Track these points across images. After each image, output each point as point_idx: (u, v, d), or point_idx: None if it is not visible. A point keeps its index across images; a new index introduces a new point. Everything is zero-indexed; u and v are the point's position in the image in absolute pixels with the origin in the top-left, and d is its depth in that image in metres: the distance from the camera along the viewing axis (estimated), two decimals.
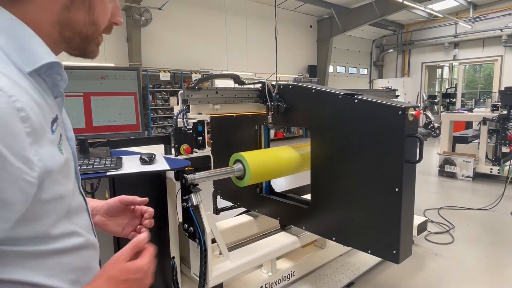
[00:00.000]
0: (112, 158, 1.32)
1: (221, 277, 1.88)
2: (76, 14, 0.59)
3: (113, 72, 1.44)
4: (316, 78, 12.86)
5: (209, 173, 1.88)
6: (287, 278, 2.44)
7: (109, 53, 8.23)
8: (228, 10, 10.32)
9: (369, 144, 1.75)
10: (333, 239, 2.02)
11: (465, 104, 14.54)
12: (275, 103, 2.11)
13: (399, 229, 1.67)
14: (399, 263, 1.72)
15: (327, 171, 1.98)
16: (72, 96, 1.36)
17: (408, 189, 1.68)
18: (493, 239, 3.50)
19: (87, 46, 0.65)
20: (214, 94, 1.99)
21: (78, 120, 1.38)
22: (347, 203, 1.91)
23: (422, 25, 14.11)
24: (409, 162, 1.64)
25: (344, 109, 1.84)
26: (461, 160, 5.84)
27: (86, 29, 0.61)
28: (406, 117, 1.61)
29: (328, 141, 1.96)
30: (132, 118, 1.51)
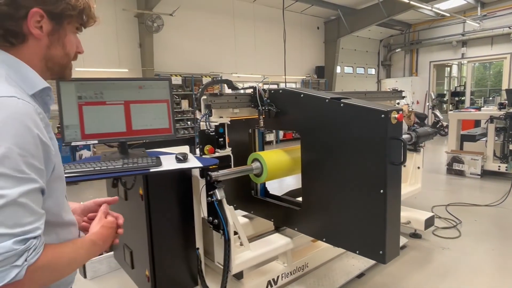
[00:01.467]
0: (152, 157, 1.52)
1: (242, 265, 2.07)
2: (55, 51, 0.85)
3: (149, 82, 1.65)
4: (324, 79, 12.99)
5: (231, 171, 2.07)
6: (301, 269, 2.62)
7: (123, 59, 8.52)
8: (236, 15, 10.54)
9: (354, 146, 1.79)
10: (323, 240, 2.07)
11: (475, 102, 14.50)
12: (266, 107, 2.16)
13: (384, 230, 1.70)
14: (385, 263, 1.76)
15: (316, 173, 2.02)
16: (115, 104, 1.57)
17: (393, 191, 1.71)
18: (499, 234, 3.62)
19: (64, 71, 0.91)
20: (233, 99, 2.18)
21: (120, 124, 1.59)
22: (335, 205, 1.94)
23: (430, 24, 14.14)
24: (393, 164, 1.67)
25: (331, 113, 1.88)
26: (469, 158, 5.93)
27: (62, 60, 0.88)
28: (389, 120, 1.64)
29: (316, 144, 2.00)
30: (165, 122, 1.71)
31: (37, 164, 0.72)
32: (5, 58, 0.78)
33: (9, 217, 0.66)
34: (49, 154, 0.76)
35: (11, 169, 0.67)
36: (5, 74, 0.76)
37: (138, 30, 8.66)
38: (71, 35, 0.88)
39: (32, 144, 0.70)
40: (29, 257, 0.68)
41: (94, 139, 1.52)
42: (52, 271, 0.75)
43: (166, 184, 1.97)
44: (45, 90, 0.83)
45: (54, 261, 0.75)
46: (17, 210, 0.67)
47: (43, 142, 0.73)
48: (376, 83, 15.66)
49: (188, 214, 2.09)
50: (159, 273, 2.01)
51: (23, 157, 0.68)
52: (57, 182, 0.81)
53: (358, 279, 2.75)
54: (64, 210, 0.87)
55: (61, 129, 1.49)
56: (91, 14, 0.91)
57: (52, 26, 0.82)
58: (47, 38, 0.82)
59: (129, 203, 2.18)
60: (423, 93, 14.25)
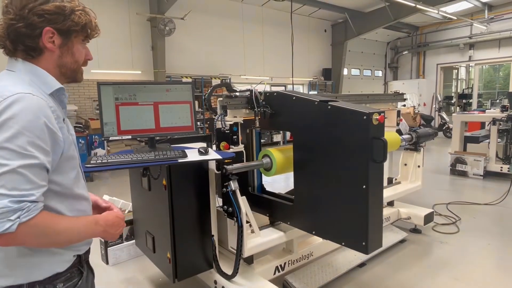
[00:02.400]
0: (178, 151, 1.77)
1: (253, 249, 2.30)
2: (66, 59, 1.06)
3: (175, 86, 1.89)
4: (331, 81, 13.17)
5: (243, 165, 2.31)
6: (307, 258, 2.84)
7: (136, 61, 8.83)
8: (245, 18, 10.80)
9: (340, 145, 1.91)
10: (313, 233, 2.20)
11: (482, 105, 14.54)
12: (262, 109, 2.30)
13: (367, 222, 1.81)
14: (368, 253, 1.89)
15: (306, 170, 2.15)
16: (146, 104, 1.82)
17: (375, 186, 1.82)
18: (496, 230, 3.79)
19: (75, 75, 1.11)
20: (246, 101, 2.42)
21: (150, 122, 1.83)
22: (323, 200, 2.06)
23: (437, 26, 14.23)
24: (375, 161, 1.77)
25: (320, 114, 1.99)
26: (472, 159, 6.08)
27: (72, 66, 1.09)
28: (371, 122, 1.74)
29: (306, 143, 2.12)
30: (188, 121, 1.95)
31: (42, 145, 0.90)
32: (29, 67, 1.01)
33: (9, 182, 0.84)
34: (56, 139, 0.94)
35: (16, 146, 0.86)
36: (28, 80, 0.99)
37: (150, 34, 8.97)
38: (78, 45, 1.08)
39: (38, 129, 0.89)
40: (22, 215, 0.84)
41: (128, 135, 1.77)
42: (44, 233, 0.91)
43: (186, 176, 2.21)
44: (60, 90, 1.05)
45: (47, 225, 0.91)
46: (16, 177, 0.85)
47: (50, 129, 0.92)
48: (383, 85, 15.78)
49: (204, 204, 2.33)
50: (179, 255, 2.25)
51: (28, 138, 0.87)
52: (67, 162, 1.01)
53: (360, 268, 2.96)
54: (75, 185, 1.06)
55: (100, 125, 1.74)
56: (94, 28, 1.09)
57: (61, 40, 1.02)
58: (58, 50, 1.03)
59: (152, 193, 2.43)
60: (430, 95, 14.33)
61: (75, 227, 0.98)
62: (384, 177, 3.68)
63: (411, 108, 10.04)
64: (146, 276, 2.96)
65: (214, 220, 2.40)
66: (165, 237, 2.27)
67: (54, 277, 1.01)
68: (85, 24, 1.05)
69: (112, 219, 1.09)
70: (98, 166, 1.56)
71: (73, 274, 1.08)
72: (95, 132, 7.18)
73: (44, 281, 0.99)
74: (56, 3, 0.99)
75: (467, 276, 2.84)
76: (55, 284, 1.01)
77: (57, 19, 0.99)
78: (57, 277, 1.02)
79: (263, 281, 2.34)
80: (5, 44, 0.99)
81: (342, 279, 2.80)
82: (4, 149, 0.85)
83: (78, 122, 7.41)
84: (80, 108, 7.87)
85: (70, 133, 1.07)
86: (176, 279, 2.26)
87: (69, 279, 1.06)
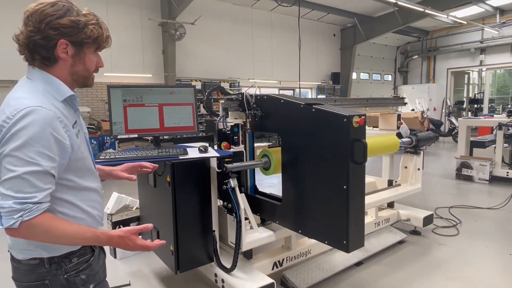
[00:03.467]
0: (180, 149, 1.91)
1: (251, 244, 2.42)
2: (78, 68, 1.16)
3: (178, 88, 2.05)
4: (340, 85, 13.22)
5: (243, 164, 2.43)
6: (304, 255, 2.94)
7: (147, 65, 9.09)
8: (254, 23, 10.99)
9: (323, 147, 1.97)
10: (299, 232, 2.25)
11: (495, 110, 14.36)
12: (252, 111, 2.38)
13: (347, 221, 1.87)
14: (349, 252, 1.94)
15: (292, 171, 2.22)
16: (151, 106, 1.98)
17: (355, 187, 1.88)
18: (496, 233, 3.82)
19: (87, 81, 1.22)
20: (238, 103, 2.54)
21: (155, 122, 1.99)
22: (307, 200, 2.13)
23: (448, 31, 14.17)
24: (356, 162, 1.83)
25: (305, 117, 2.06)
26: (477, 163, 6.07)
27: (84, 73, 1.18)
28: (351, 124, 1.80)
29: (292, 145, 2.20)
30: (191, 122, 2.10)
31: (48, 153, 1.01)
32: (44, 75, 1.12)
33: (15, 186, 0.98)
34: (63, 147, 1.06)
35: (24, 155, 0.98)
36: (42, 89, 1.10)
37: (161, 38, 9.23)
38: (90, 55, 1.17)
39: (45, 140, 1.00)
40: (24, 215, 0.97)
41: (135, 133, 1.93)
42: (44, 233, 1.03)
43: (189, 174, 2.35)
44: (72, 97, 1.17)
45: (48, 227, 1.02)
46: (21, 182, 0.98)
47: (57, 138, 1.03)
48: (392, 90, 15.73)
49: (206, 200, 2.46)
50: (181, 248, 2.39)
51: (34, 147, 0.99)
52: (76, 162, 1.14)
53: (357, 266, 3.05)
54: (86, 179, 1.19)
55: (110, 124, 1.90)
56: (105, 40, 1.18)
57: (74, 51, 1.12)
58: (71, 59, 1.13)
59: (157, 189, 2.58)
60: (441, 100, 14.23)
61: (75, 237, 1.08)
62: (385, 179, 3.80)
63: (419, 112, 10.02)
64: (151, 270, 3.11)
65: (215, 216, 2.53)
66: (168, 230, 2.41)
67: (70, 253, 1.17)
68: (97, 37, 1.15)
69: (116, 241, 1.15)
70: (106, 161, 1.72)
71: (86, 251, 1.22)
72: (107, 133, 7.41)
73: (61, 255, 1.15)
74: (71, 17, 1.10)
75: (462, 276, 2.90)
76: (70, 258, 1.17)
77: (71, 32, 1.10)
78: (72, 253, 1.18)
79: (261, 275, 2.45)
80: (25, 53, 1.13)
81: (339, 277, 2.89)
82: (13, 157, 0.98)
83: (91, 123, 7.68)
84: (93, 110, 8.15)
85: (83, 131, 1.22)
86: (178, 271, 2.39)
87: (83, 255, 1.21)
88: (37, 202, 1.00)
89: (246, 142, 2.61)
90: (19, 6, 1.18)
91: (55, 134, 1.03)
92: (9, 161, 0.98)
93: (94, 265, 1.25)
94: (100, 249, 1.33)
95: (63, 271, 1.16)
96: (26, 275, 1.15)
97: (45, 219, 1.02)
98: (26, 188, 0.98)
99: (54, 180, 1.06)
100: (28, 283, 1.15)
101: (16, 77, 1.32)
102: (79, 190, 1.18)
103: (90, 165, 1.24)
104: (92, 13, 1.17)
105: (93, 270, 1.24)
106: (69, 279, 1.17)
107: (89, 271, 1.23)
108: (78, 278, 1.20)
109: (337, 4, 11.01)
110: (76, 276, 1.19)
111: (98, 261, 1.28)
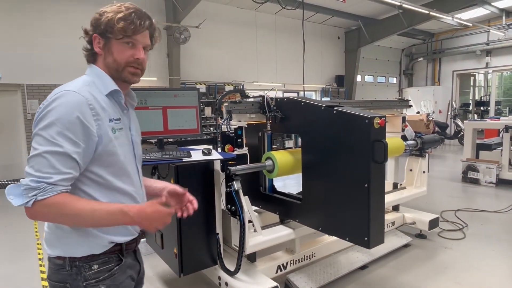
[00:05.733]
0: (183, 151, 1.92)
1: (255, 247, 2.42)
2: (108, 59, 1.16)
3: (182, 91, 2.06)
4: (344, 87, 13.19)
5: (247, 166, 2.43)
6: (309, 258, 2.92)
7: (152, 68, 9.13)
8: (259, 26, 11.02)
9: (344, 147, 2.06)
10: (319, 230, 2.35)
11: (502, 112, 14.23)
12: (273, 113, 2.48)
13: (368, 219, 1.95)
14: (370, 248, 2.02)
15: (313, 170, 2.30)
16: (155, 109, 1.99)
17: (376, 185, 1.96)
18: (503, 237, 3.77)
19: (120, 74, 1.16)
20: (250, 106, 2.56)
21: (159, 125, 2.00)
22: (329, 198, 2.20)
23: (453, 33, 14.08)
24: (377, 162, 1.91)
25: (326, 118, 2.16)
26: (484, 166, 6.01)
27: (113, 65, 1.16)
28: (372, 125, 1.89)
29: (314, 145, 2.29)
30: (194, 124, 2.11)
31: (71, 136, 1.01)
32: (94, 69, 1.17)
33: (36, 164, 0.99)
34: (89, 134, 1.04)
35: (48, 134, 1.00)
36: (90, 80, 1.14)
37: (166, 42, 9.28)
38: (119, 45, 1.14)
39: (70, 122, 1.01)
40: (38, 194, 0.97)
41: None
42: (60, 213, 1.01)
43: (193, 176, 2.36)
44: (115, 91, 1.16)
45: (63, 207, 1.00)
46: (41, 160, 0.99)
47: (83, 123, 1.03)
48: (397, 92, 15.65)
49: (210, 203, 2.46)
50: (185, 251, 2.38)
51: (58, 128, 1.01)
52: (107, 157, 1.10)
53: (361, 270, 3.03)
54: (118, 179, 1.14)
55: None
56: (129, 30, 1.12)
57: (103, 42, 1.15)
58: (102, 51, 1.15)
59: None
60: (446, 102, 14.13)
61: (96, 213, 1.03)
62: (390, 182, 3.77)
63: (424, 115, 9.95)
64: (155, 273, 3.12)
65: (219, 219, 2.53)
66: (172, 233, 2.41)
67: (91, 257, 1.13)
68: (113, 22, 1.11)
69: (149, 213, 1.07)
70: None
71: (111, 260, 1.17)
72: None
73: (81, 258, 1.12)
74: (101, 10, 1.15)
75: (469, 280, 2.86)
76: (91, 265, 1.12)
77: (97, 25, 1.13)
78: (93, 258, 1.13)
79: (265, 278, 2.44)
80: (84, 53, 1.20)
81: (344, 280, 2.87)
82: (39, 136, 1.01)
83: None
84: None
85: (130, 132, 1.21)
86: (182, 274, 2.39)
87: (105, 263, 1.15)
88: (52, 183, 0.99)
89: (265, 143, 2.72)
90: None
91: (82, 118, 1.03)
92: (35, 140, 1.02)
93: (118, 276, 1.18)
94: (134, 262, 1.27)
95: (83, 278, 1.12)
96: (53, 274, 1.14)
97: (61, 199, 1.00)
98: (45, 168, 0.99)
99: (78, 167, 1.04)
100: (54, 282, 1.14)
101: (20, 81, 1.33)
102: (109, 189, 1.13)
103: (127, 166, 1.18)
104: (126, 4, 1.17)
105: (115, 280, 1.18)
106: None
107: (110, 282, 1.16)
108: None
109: (341, 7, 11.00)
110: (95, 286, 1.13)
111: (123, 274, 1.21)
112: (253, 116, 2.59)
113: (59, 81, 9.19)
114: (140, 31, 1.14)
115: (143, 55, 1.17)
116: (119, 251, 1.19)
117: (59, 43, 7.67)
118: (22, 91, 7.52)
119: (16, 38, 7.33)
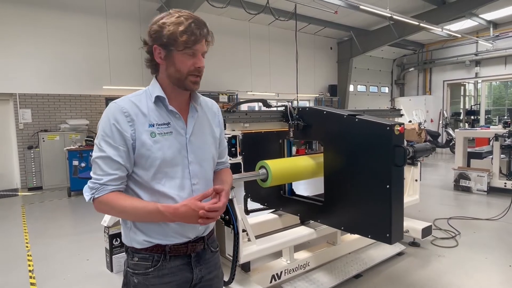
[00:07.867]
0: None
1: (249, 256, 2.40)
2: (170, 70, 1.20)
3: None
4: (337, 97, 13.33)
5: (240, 176, 2.44)
6: (303, 267, 2.92)
7: (146, 77, 9.14)
8: (252, 36, 11.15)
9: (366, 152, 2.23)
10: (341, 229, 2.51)
11: (491, 121, 14.47)
12: (295, 121, 2.64)
13: (390, 216, 2.12)
14: (391, 243, 2.20)
15: (336, 174, 2.45)
16: None
17: (396, 186, 2.14)
18: (495, 245, 3.80)
19: (183, 83, 1.20)
20: (244, 116, 2.58)
21: None
22: (351, 199, 2.36)
23: (443, 44, 14.39)
24: (397, 165, 2.11)
25: (348, 126, 2.34)
26: (475, 174, 6.09)
27: (176, 75, 1.19)
28: (393, 132, 2.09)
29: (336, 151, 2.45)
30: None
31: (111, 142, 1.15)
32: (153, 81, 1.25)
33: (93, 168, 1.18)
34: (124, 138, 1.15)
35: (97, 143, 1.17)
36: (144, 91, 1.23)
37: None
38: (180, 56, 1.16)
39: (108, 130, 1.15)
40: (95, 193, 1.16)
41: None
42: (110, 208, 1.17)
43: None
44: (159, 97, 1.20)
45: (111, 203, 1.15)
46: (95, 166, 1.18)
47: (118, 129, 1.14)
48: (389, 101, 15.86)
49: None
50: None
51: (102, 136, 1.16)
52: (142, 159, 1.16)
53: (356, 279, 3.02)
54: (156, 182, 1.18)
55: None
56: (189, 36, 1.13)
57: (165, 53, 1.17)
58: (164, 62, 1.19)
59: None
60: (437, 111, 14.35)
61: (138, 212, 1.15)
62: None
63: (416, 124, 10.09)
64: None
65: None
66: None
67: (134, 249, 1.25)
68: (176, 36, 1.12)
69: (184, 211, 1.11)
70: None
71: (151, 257, 1.23)
72: None
73: (131, 248, 1.26)
74: (159, 22, 1.16)
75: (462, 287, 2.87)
76: (133, 256, 1.25)
77: (158, 36, 1.15)
78: (136, 250, 1.24)
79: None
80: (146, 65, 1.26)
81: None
82: (95, 145, 1.20)
83: (90, 136, 7.68)
84: (91, 122, 8.16)
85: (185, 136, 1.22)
86: None
87: (144, 259, 1.23)
88: (103, 183, 1.15)
89: (285, 149, 2.94)
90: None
91: (117, 125, 1.15)
92: (93, 149, 1.20)
93: (151, 277, 1.22)
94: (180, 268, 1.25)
95: (127, 263, 1.28)
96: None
97: (111, 197, 1.15)
98: (98, 171, 1.16)
99: (124, 168, 1.17)
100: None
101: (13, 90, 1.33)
102: (148, 190, 1.20)
103: (170, 170, 1.19)
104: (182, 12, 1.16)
105: (148, 281, 1.22)
106: (127, 274, 1.27)
107: (142, 279, 1.23)
108: (132, 279, 1.25)
109: (333, 18, 11.20)
110: (132, 276, 1.25)
111: (159, 277, 1.22)
112: (247, 125, 2.61)
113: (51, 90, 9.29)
114: (200, 40, 1.17)
115: (203, 63, 1.21)
116: (162, 252, 1.23)
117: (51, 52, 7.67)
118: (14, 101, 7.47)
119: (8, 47, 7.31)
